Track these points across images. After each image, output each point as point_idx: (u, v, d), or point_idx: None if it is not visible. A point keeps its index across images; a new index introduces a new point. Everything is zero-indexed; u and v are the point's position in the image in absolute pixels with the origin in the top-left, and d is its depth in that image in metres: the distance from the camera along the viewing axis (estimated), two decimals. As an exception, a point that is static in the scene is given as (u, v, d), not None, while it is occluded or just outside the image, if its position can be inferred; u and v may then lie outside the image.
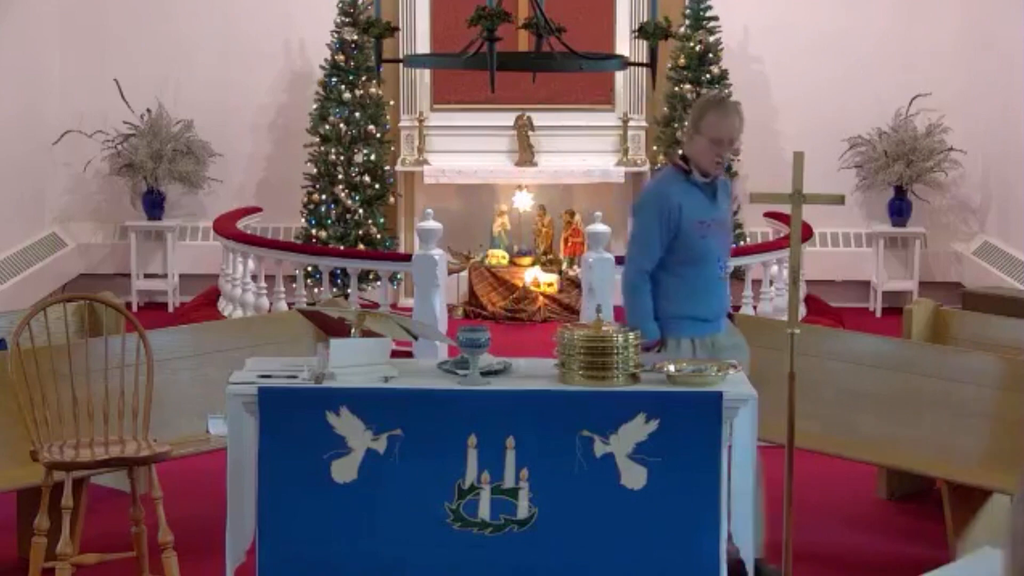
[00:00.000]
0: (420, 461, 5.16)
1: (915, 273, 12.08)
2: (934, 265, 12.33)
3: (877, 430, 6.69)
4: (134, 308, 11.74)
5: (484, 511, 5.19)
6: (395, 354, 5.62)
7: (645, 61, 6.83)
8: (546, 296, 11.24)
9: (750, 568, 5.45)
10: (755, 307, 10.34)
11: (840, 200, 5.88)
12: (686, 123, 11.38)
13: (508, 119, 11.61)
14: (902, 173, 11.90)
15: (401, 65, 10.55)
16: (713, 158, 5.76)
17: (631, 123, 11.77)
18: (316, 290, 10.85)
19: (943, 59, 11.89)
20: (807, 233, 11.05)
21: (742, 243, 11.47)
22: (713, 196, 5.84)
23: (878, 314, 11.87)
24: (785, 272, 10.11)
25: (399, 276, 11.27)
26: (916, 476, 6.99)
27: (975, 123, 11.94)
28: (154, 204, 12.17)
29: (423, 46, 11.54)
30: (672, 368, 5.43)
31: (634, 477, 5.19)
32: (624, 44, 11.32)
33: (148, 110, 11.97)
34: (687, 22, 11.57)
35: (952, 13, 11.98)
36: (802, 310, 10.20)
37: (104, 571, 5.90)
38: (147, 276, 12.29)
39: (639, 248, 5.85)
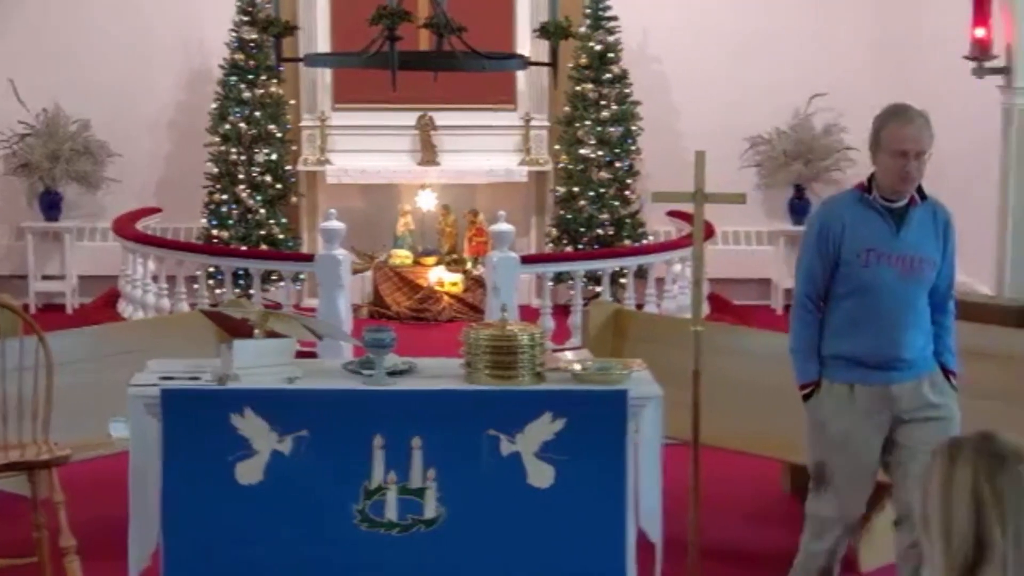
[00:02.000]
0: (326, 462, 5.13)
1: (815, 270, 12.20)
2: (833, 262, 12.46)
3: (781, 425, 6.74)
4: (32, 310, 11.55)
5: (391, 512, 5.18)
6: (300, 355, 5.60)
7: (547, 61, 6.86)
8: (451, 296, 11.24)
9: (659, 564, 5.49)
10: (659, 305, 10.41)
11: (741, 199, 5.93)
12: (581, 123, 11.57)
13: (410, 119, 11.59)
14: (801, 172, 12.04)
15: (302, 64, 10.48)
16: (899, 173, 4.95)
17: (533, 123, 11.79)
18: (218, 291, 10.75)
19: (841, 59, 12.03)
20: (709, 232, 11.13)
21: (644, 242, 11.54)
22: (899, 224, 5.03)
23: (779, 311, 11.99)
24: (688, 270, 10.18)
25: (302, 276, 11.20)
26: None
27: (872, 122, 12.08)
28: (51, 205, 11.99)
29: (324, 45, 11.47)
30: (578, 367, 5.44)
31: (541, 476, 5.20)
32: (525, 44, 11.33)
33: (44, 110, 11.79)
34: (587, 22, 11.61)
35: (850, 14, 12.13)
36: (706, 308, 10.28)
37: (4, 577, 5.80)
38: (45, 278, 12.10)
39: (801, 272, 5.19)
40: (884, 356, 5.02)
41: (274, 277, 10.99)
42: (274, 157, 11.47)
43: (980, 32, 9.30)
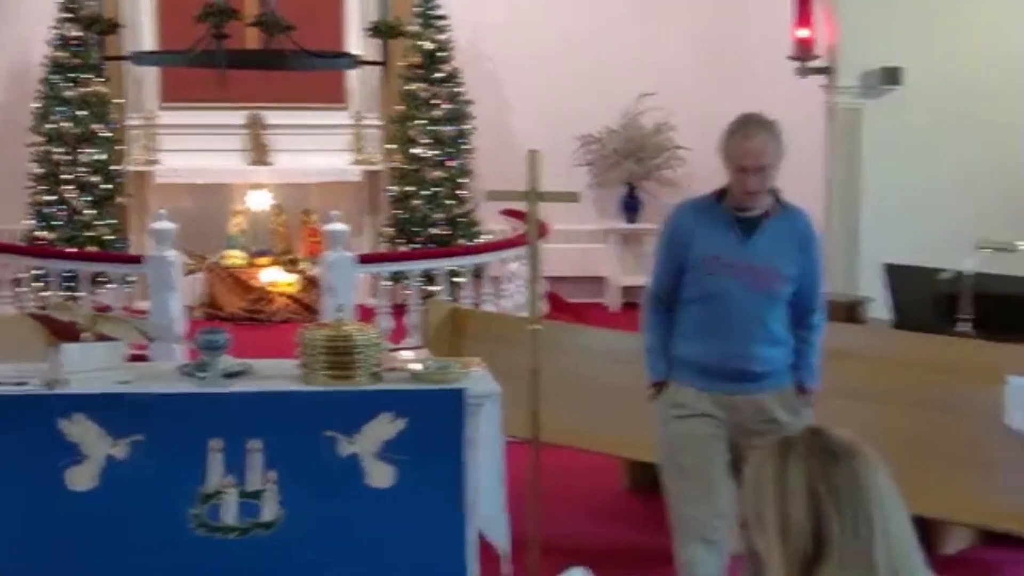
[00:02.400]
0: (163, 466, 5.04)
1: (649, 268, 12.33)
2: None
3: (619, 423, 6.80)
4: None
5: (229, 515, 5.10)
6: (132, 358, 5.48)
7: (377, 60, 6.82)
8: (286, 296, 11.13)
9: (506, 562, 5.48)
10: (496, 304, 10.42)
11: (574, 198, 5.94)
12: (413, 122, 11.55)
13: (241, 118, 11.45)
14: (632, 170, 12.16)
15: (127, 62, 10.29)
16: (740, 188, 4.87)
17: (365, 122, 11.73)
18: (45, 294, 10.49)
19: (670, 58, 12.17)
20: (543, 230, 11.17)
21: (479, 240, 11.55)
22: (748, 234, 4.89)
23: (614, 309, 12.09)
24: (524, 269, 10.21)
25: (133, 279, 10.99)
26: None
27: (701, 121, 12.25)
28: None
29: (150, 43, 11.26)
30: (416, 366, 5.41)
31: (380, 476, 5.16)
32: (356, 42, 11.26)
33: None
34: (418, 21, 11.58)
35: (678, 13, 12.27)
36: (543, 306, 10.32)
37: None
38: None
39: (652, 271, 5.12)
40: (729, 366, 4.91)
41: (103, 279, 10.75)
42: (101, 157, 11.22)
43: (803, 33, 9.49)
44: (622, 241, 12.44)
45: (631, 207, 12.33)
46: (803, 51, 9.53)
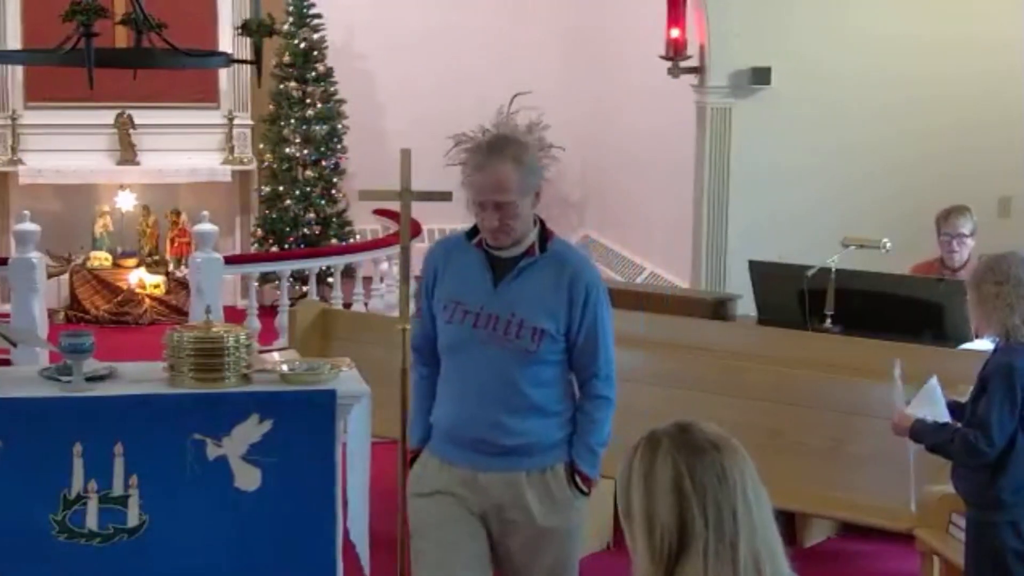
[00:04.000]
0: (23, 472, 4.93)
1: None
2: (538, 259, 12.66)
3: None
4: None
5: (92, 521, 5.01)
6: (-7, 362, 5.37)
7: (249, 58, 6.75)
8: (153, 298, 11.00)
9: (366, 563, 5.47)
10: (367, 304, 10.39)
11: (448, 197, 5.95)
12: (286, 121, 11.44)
13: (109, 117, 11.28)
14: (506, 169, 12.18)
15: (-9, 60, 10.09)
16: (484, 225, 4.11)
17: (236, 121, 11.64)
18: (-96, 298, 10.26)
19: (541, 56, 12.23)
20: (416, 230, 11.17)
21: (351, 240, 11.51)
22: (500, 277, 4.12)
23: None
24: (395, 269, 10.19)
25: (-6, 281, 10.78)
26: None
27: (572, 120, 12.33)
28: None
29: (14, 42, 11.06)
30: (285, 367, 5.37)
31: (248, 478, 5.11)
32: (228, 41, 11.16)
33: None
34: (291, 19, 11.50)
35: (547, 11, 12.33)
36: (413, 306, 10.31)
37: None
38: None
39: (415, 316, 4.43)
40: (469, 435, 4.10)
41: (-35, 282, 10.54)
42: (-37, 157, 11.01)
43: (675, 32, 9.58)
44: (495, 240, 12.44)
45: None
46: (674, 51, 9.62)
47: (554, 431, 4.12)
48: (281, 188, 11.49)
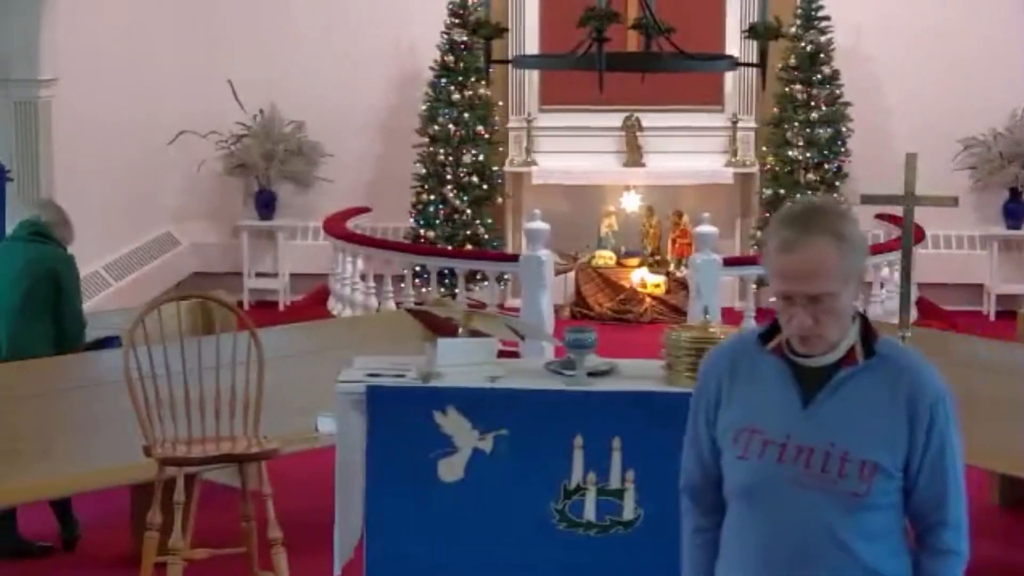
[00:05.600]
0: (526, 461, 5.16)
1: (1030, 276, 11.89)
2: (1050, 268, 12.11)
3: (991, 435, 6.58)
4: (245, 307, 11.87)
5: (590, 512, 5.18)
6: (502, 354, 5.63)
7: (755, 61, 6.80)
8: (653, 297, 11.21)
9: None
10: (865, 310, 10.24)
11: (954, 202, 5.81)
12: (789, 124, 11.39)
13: (616, 120, 11.60)
14: (1018, 175, 11.71)
15: (510, 66, 10.58)
16: (793, 324, 3.04)
17: (740, 124, 11.71)
18: (424, 290, 10.91)
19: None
20: (919, 235, 10.91)
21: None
22: (812, 395, 3.08)
23: (991, 317, 11.68)
24: (896, 275, 9.99)
25: (506, 276, 11.29)
26: (1031, 483, 6.87)
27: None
28: (266, 204, 12.32)
29: (532, 47, 11.56)
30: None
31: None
32: (734, 44, 11.25)
33: (260, 111, 12.11)
34: (798, 22, 11.47)
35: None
36: (913, 313, 10.08)
37: (214, 566, 5.97)
38: (258, 275, 12.43)
39: (685, 445, 3.34)
40: None
41: (479, 277, 11.10)
42: (481, 158, 11.59)
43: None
44: (1003, 247, 11.98)
45: (1013, 212, 11.87)
46: None
47: None
48: (782, 191, 11.48)
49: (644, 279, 11.30)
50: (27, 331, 6.56)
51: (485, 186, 11.64)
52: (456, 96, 11.56)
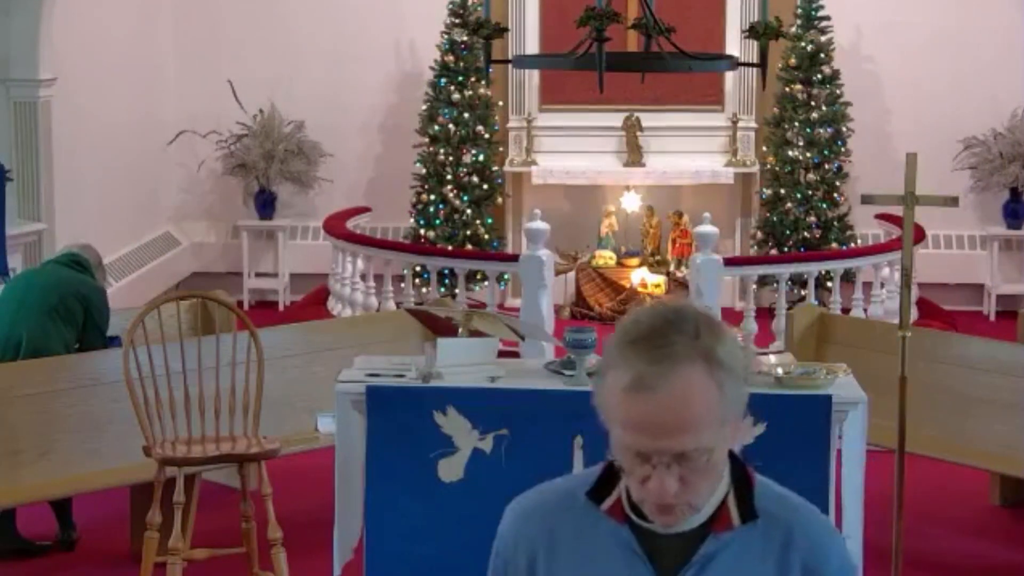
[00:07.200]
0: (526, 461, 5.16)
1: (1030, 276, 11.88)
2: (1050, 268, 12.11)
3: (990, 435, 6.59)
4: (245, 307, 11.87)
5: (590, 512, 5.17)
6: (502, 354, 5.63)
7: (755, 61, 6.80)
8: (653, 297, 11.21)
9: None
10: (866, 310, 10.23)
11: (954, 202, 5.81)
12: (789, 124, 11.39)
13: (616, 120, 11.60)
14: (1018, 175, 11.70)
15: (510, 66, 10.57)
16: (648, 490, 2.17)
17: (740, 124, 11.70)
18: (424, 290, 10.90)
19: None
20: (919, 235, 10.90)
21: (851, 245, 11.36)
22: (682, 574, 2.24)
23: (992, 318, 11.68)
24: (896, 275, 9.98)
25: (506, 276, 11.29)
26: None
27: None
28: (266, 204, 12.31)
29: (532, 47, 11.56)
30: (780, 371, 5.38)
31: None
32: (734, 44, 11.25)
33: (260, 111, 12.10)
34: (798, 22, 11.47)
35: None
36: (914, 313, 10.08)
37: (214, 566, 5.97)
38: (258, 275, 12.43)
39: None
40: None
41: (479, 277, 11.09)
42: (481, 158, 11.59)
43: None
44: (1003, 247, 11.98)
45: (1014, 212, 11.86)
46: None
47: None
48: (782, 191, 11.48)
49: (644, 279, 11.30)
50: (50, 332, 6.51)
51: (485, 186, 11.63)
52: (456, 96, 11.56)
